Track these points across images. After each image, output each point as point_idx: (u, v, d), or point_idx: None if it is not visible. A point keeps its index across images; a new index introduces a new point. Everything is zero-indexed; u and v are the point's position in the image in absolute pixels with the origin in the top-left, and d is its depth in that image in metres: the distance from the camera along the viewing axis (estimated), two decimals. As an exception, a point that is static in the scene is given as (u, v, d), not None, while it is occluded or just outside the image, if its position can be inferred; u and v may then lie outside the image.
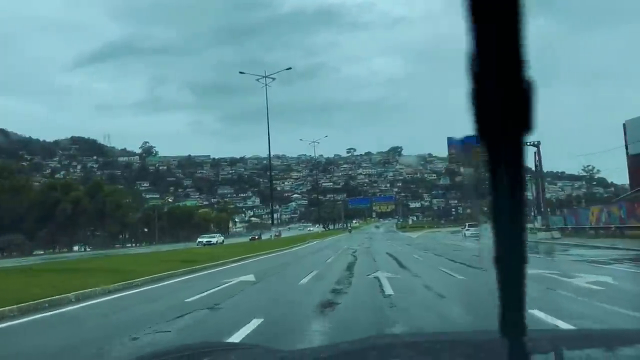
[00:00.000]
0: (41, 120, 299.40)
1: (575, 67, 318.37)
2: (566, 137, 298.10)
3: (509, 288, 0.85)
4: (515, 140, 0.76)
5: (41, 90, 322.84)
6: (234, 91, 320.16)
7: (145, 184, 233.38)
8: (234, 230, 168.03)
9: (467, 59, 0.70)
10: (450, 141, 45.60)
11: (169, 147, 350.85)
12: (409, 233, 71.70)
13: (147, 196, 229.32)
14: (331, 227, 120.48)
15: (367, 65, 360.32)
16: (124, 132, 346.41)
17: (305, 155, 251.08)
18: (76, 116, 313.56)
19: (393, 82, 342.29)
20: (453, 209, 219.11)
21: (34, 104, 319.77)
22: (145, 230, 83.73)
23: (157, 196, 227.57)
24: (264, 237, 76.90)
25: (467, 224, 51.55)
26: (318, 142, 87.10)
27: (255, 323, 6.89)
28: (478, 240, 37.27)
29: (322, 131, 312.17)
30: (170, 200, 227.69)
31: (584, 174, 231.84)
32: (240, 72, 52.06)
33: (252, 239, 67.30)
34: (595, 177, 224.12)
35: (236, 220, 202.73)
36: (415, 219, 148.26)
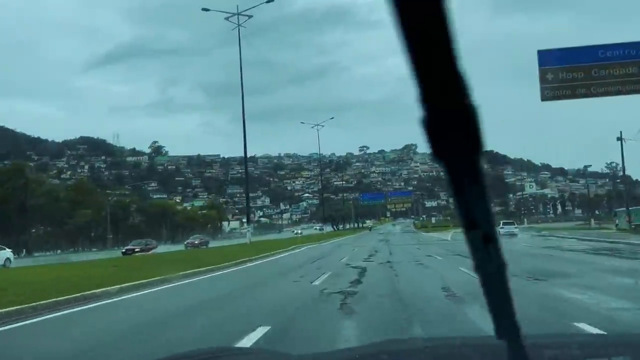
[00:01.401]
0: (53, 122, 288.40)
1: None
2: (589, 133, 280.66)
3: (495, 293, 0.84)
4: (470, 158, 0.75)
5: (53, 92, 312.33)
6: (245, 91, 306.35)
7: (153, 184, 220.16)
8: (237, 229, 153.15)
9: (415, 86, 0.68)
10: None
11: (179, 147, 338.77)
12: (435, 234, 56.17)
13: (155, 196, 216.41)
14: (341, 227, 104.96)
15: (379, 63, 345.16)
16: (134, 133, 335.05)
17: (316, 153, 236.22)
18: (87, 118, 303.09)
19: (405, 80, 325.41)
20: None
21: (45, 105, 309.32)
22: (130, 228, 69.76)
23: (165, 196, 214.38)
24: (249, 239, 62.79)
25: (501, 222, 51.19)
26: (322, 126, 70.52)
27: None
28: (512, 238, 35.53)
29: (334, 131, 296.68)
30: (177, 200, 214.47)
31: (607, 171, 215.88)
32: (204, 9, 36.84)
33: (192, 245, 47.63)
34: (619, 174, 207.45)
35: (244, 220, 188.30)
36: (436, 218, 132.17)
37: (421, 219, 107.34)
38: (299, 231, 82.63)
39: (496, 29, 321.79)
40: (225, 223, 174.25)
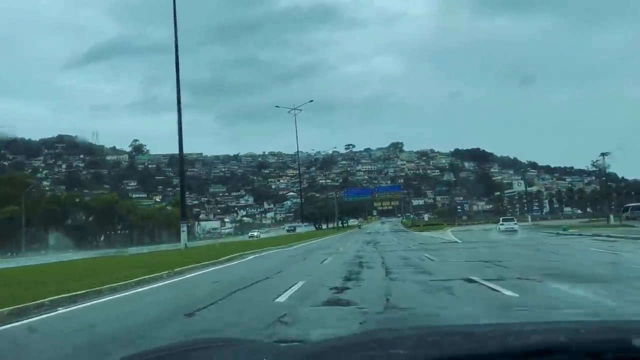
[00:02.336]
0: (32, 121, 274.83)
1: (581, 63, 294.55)
2: (575, 130, 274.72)
3: None
4: None
5: (33, 91, 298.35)
6: (230, 90, 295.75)
7: (132, 183, 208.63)
8: (217, 229, 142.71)
9: None
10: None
11: (161, 146, 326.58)
12: (431, 233, 46.31)
13: (134, 196, 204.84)
14: (325, 226, 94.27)
15: (366, 62, 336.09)
16: (116, 132, 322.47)
17: (302, 152, 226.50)
18: (68, 117, 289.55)
19: (392, 79, 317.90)
20: (458, 206, 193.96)
21: (25, 104, 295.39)
22: (81, 230, 58.74)
23: (144, 195, 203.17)
24: (219, 240, 52.46)
25: (501, 218, 50.94)
26: (300, 110, 59.36)
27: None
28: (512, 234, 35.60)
29: (320, 130, 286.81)
30: (157, 199, 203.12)
31: (594, 169, 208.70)
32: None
33: None
34: (605, 172, 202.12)
35: (226, 220, 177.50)
36: (429, 216, 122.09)
37: (411, 216, 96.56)
38: (256, 233, 67.75)
39: (480, 30, 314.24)
40: (204, 222, 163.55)
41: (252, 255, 19.35)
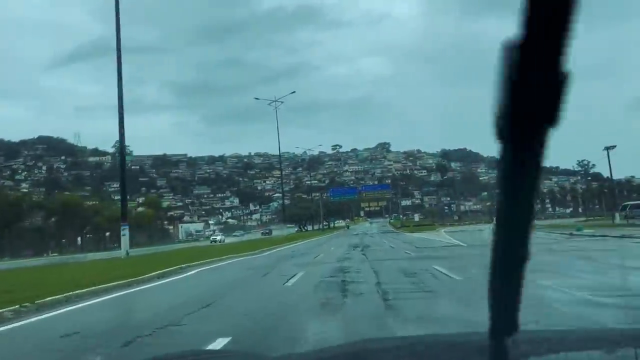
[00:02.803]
0: (13, 122, 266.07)
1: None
2: (560, 130, 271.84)
3: (507, 287, 0.78)
4: (540, 135, 0.65)
5: (14, 91, 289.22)
6: (215, 90, 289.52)
7: (114, 185, 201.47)
8: (201, 231, 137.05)
9: (505, 48, 0.60)
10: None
11: (145, 147, 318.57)
12: (422, 234, 41.43)
13: (116, 197, 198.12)
14: (310, 227, 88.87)
15: (352, 63, 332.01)
16: (100, 134, 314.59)
17: (288, 152, 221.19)
18: (50, 118, 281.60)
19: (379, 80, 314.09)
20: (446, 207, 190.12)
21: (5, 105, 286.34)
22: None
23: (127, 197, 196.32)
24: (202, 243, 47.26)
25: (494, 218, 34.50)
26: (281, 102, 53.09)
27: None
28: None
29: (306, 131, 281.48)
30: (141, 201, 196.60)
31: (579, 168, 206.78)
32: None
33: None
34: (590, 171, 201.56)
35: (210, 222, 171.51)
36: (419, 216, 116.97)
37: (400, 217, 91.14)
38: (218, 238, 60.26)
39: (466, 31, 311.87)
40: (187, 225, 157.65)
41: (199, 269, 14.19)
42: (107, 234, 69.90)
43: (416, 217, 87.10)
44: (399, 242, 28.89)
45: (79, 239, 62.94)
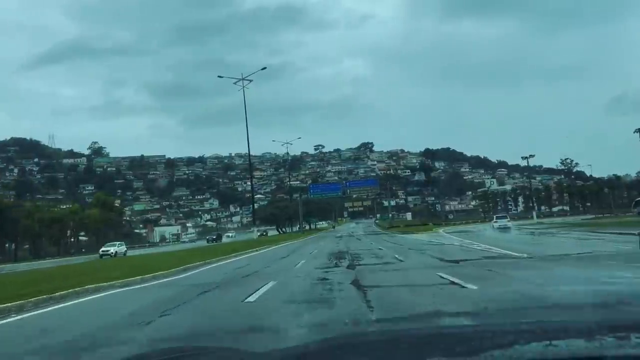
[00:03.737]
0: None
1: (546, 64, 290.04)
2: (544, 129, 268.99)
3: None
4: None
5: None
6: (194, 92, 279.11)
7: (89, 187, 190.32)
8: (177, 235, 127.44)
9: None
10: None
11: (123, 149, 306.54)
12: (421, 236, 33.00)
13: (89, 200, 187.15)
14: (289, 229, 79.72)
15: (334, 64, 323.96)
16: (77, 137, 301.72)
17: (270, 153, 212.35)
18: (25, 120, 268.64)
19: (361, 81, 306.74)
20: (430, 206, 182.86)
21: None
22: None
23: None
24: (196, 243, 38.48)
25: (495, 216, 50.37)
26: (250, 80, 44.47)
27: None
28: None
29: (289, 132, 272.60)
30: (117, 204, 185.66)
31: (562, 167, 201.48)
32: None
33: None
34: (574, 170, 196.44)
35: (188, 225, 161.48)
36: (409, 216, 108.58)
37: (389, 216, 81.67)
38: (111, 250, 42.51)
39: (446, 32, 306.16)
40: (164, 228, 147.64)
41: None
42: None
43: (408, 216, 78.17)
44: (404, 249, 20.40)
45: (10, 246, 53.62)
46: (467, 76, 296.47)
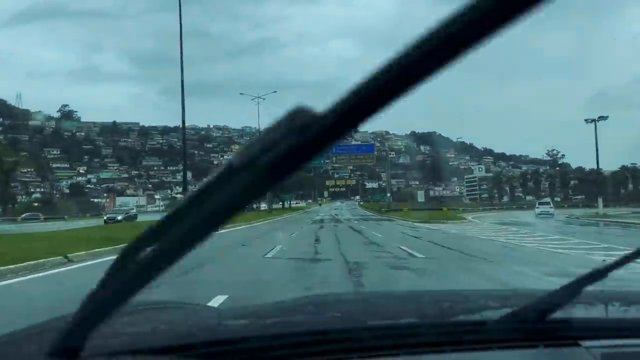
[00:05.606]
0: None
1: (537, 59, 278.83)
2: (529, 120, 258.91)
3: None
4: None
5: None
6: (177, 62, 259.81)
7: (55, 152, 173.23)
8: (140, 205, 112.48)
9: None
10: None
11: (97, 116, 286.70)
12: (468, 227, 19.61)
13: (54, 165, 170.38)
14: (258, 206, 65.28)
15: (320, 44, 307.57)
16: (50, 101, 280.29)
17: (250, 127, 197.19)
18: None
19: (347, 62, 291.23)
20: (418, 190, 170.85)
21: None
22: None
23: (67, 166, 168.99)
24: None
25: (537, 202, 47.84)
26: (263, 99, 35.34)
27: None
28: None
29: (272, 109, 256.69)
30: (82, 171, 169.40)
31: (548, 158, 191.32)
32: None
33: None
34: (559, 161, 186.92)
35: (156, 196, 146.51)
36: (420, 197, 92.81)
37: (388, 196, 63.92)
38: None
39: (439, 17, 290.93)
40: (128, 199, 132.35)
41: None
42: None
43: (420, 196, 61.45)
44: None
45: None
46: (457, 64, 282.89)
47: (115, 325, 0.88)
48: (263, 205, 56.06)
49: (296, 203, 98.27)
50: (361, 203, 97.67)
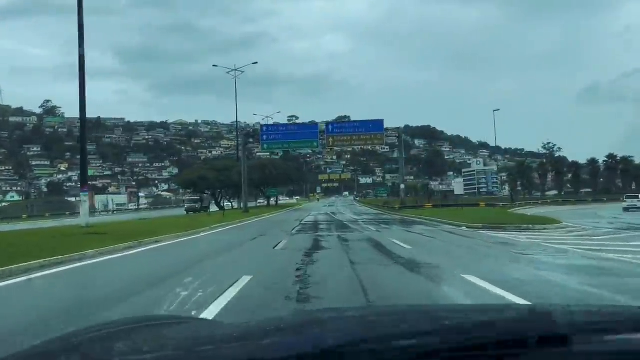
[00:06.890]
0: None
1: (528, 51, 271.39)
2: (526, 113, 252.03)
3: None
4: None
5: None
6: (164, 58, 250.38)
7: (35, 148, 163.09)
8: (121, 205, 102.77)
9: None
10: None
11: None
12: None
13: (34, 163, 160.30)
14: (231, 205, 54.47)
15: (312, 38, 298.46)
16: (32, 96, 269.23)
17: (240, 122, 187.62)
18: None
19: (339, 57, 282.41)
20: (423, 184, 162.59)
21: None
22: None
23: (47, 163, 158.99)
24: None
25: (625, 195, 44.31)
26: (242, 72, 31.63)
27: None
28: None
29: (262, 105, 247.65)
30: (63, 168, 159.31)
31: (544, 151, 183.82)
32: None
33: None
34: (555, 155, 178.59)
35: (140, 194, 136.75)
36: (408, 195, 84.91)
37: (403, 188, 51.35)
38: None
39: (429, 14, 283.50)
40: (112, 197, 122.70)
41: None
42: None
43: (457, 188, 49.60)
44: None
45: None
46: (447, 57, 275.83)
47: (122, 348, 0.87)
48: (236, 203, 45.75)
49: (286, 200, 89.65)
50: (357, 198, 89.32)
